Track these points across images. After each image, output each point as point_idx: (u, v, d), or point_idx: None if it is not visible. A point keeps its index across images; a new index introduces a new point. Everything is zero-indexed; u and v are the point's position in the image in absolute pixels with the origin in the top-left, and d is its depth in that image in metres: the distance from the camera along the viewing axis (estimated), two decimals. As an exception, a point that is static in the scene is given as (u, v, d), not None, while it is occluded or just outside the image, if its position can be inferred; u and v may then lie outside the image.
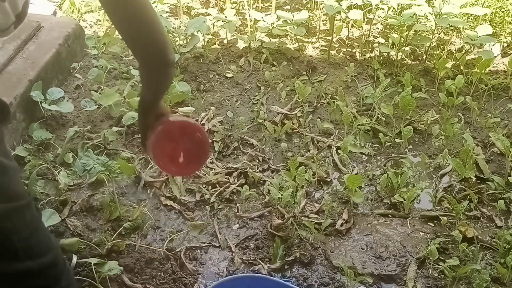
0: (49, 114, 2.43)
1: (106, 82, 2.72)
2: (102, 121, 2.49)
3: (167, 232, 1.96)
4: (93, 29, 3.23)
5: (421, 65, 2.95)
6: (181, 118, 1.31)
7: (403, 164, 2.29)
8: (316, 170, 2.22)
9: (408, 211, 2.08)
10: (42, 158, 2.23)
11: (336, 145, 2.38)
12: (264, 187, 2.17)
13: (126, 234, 1.95)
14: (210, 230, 2.00)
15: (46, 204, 2.01)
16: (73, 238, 1.89)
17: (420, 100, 2.65)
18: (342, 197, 2.13)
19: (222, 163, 2.29)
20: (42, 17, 2.93)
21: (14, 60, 2.52)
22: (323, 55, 3.03)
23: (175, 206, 2.07)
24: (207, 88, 2.76)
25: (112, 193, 2.04)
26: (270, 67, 2.92)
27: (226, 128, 2.47)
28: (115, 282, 1.77)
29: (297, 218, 1.99)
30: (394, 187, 2.14)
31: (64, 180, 2.12)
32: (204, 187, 2.15)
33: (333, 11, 2.88)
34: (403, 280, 1.83)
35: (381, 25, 3.31)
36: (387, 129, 2.47)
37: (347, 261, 1.88)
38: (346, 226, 2.01)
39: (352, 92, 2.74)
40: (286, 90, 2.71)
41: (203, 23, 2.93)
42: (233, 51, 3.05)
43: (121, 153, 2.26)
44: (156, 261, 1.85)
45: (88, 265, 1.77)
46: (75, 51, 2.85)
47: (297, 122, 2.51)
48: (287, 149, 2.35)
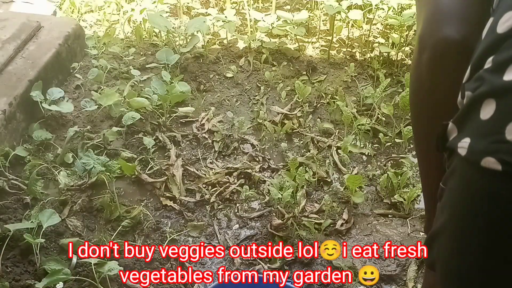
0: (49, 114, 2.43)
1: (106, 82, 2.71)
2: (102, 121, 2.49)
3: (167, 232, 1.96)
4: (93, 29, 3.23)
5: (421, 65, 2.94)
6: None
7: (403, 164, 2.29)
8: (316, 170, 2.22)
9: (408, 211, 2.08)
10: (42, 158, 2.23)
11: (336, 145, 2.38)
12: (264, 187, 2.17)
13: (126, 234, 1.95)
14: (210, 230, 2.00)
15: (46, 204, 2.01)
16: (73, 238, 1.89)
17: (420, 100, 2.65)
18: (342, 197, 2.13)
19: (222, 163, 2.29)
20: (42, 17, 2.93)
21: (14, 60, 2.52)
22: (323, 55, 3.03)
23: (175, 206, 2.07)
24: (207, 88, 2.76)
25: (112, 193, 2.04)
26: (270, 67, 2.92)
27: (226, 128, 2.47)
28: (115, 282, 1.77)
29: (297, 218, 1.99)
30: (394, 187, 2.14)
31: (64, 180, 2.11)
32: (204, 187, 2.15)
33: (333, 11, 2.88)
34: (403, 280, 1.83)
35: (381, 25, 3.31)
36: (387, 129, 2.47)
37: (347, 261, 1.88)
38: (346, 226, 2.01)
39: (352, 92, 2.74)
40: (286, 90, 2.71)
41: (203, 23, 2.92)
42: (233, 51, 3.05)
43: (121, 153, 2.26)
44: (156, 261, 1.85)
45: (88, 265, 1.77)
46: (75, 51, 2.85)
47: (297, 122, 2.51)
48: (287, 149, 2.35)
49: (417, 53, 0.89)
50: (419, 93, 0.92)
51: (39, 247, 1.79)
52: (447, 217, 0.80)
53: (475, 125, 0.74)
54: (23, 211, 1.98)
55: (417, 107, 0.95)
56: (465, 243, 0.76)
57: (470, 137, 0.74)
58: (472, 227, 0.75)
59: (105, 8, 3.35)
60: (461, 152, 0.75)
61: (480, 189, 0.73)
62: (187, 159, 2.30)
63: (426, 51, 0.87)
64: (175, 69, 2.80)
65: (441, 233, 0.82)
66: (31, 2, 3.24)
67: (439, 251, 0.83)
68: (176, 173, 2.18)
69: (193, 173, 2.22)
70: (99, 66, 2.75)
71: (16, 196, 2.04)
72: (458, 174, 0.77)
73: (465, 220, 0.76)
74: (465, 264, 0.77)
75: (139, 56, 2.97)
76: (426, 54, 0.87)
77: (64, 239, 1.88)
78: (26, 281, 1.72)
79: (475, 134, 0.74)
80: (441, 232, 0.82)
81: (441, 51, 0.85)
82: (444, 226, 0.81)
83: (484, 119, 0.72)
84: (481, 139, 0.72)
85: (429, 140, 0.88)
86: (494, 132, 0.70)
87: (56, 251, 1.85)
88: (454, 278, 0.80)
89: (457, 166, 0.77)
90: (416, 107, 0.95)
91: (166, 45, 2.99)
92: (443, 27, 0.85)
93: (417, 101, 0.94)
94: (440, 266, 0.84)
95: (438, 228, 0.83)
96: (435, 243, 0.85)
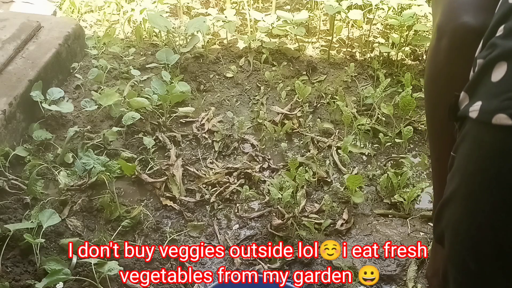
0: (49, 114, 2.43)
1: (106, 82, 2.72)
2: (102, 121, 2.49)
3: (167, 232, 1.96)
4: (93, 29, 3.23)
5: (421, 65, 2.95)
6: None
7: (403, 164, 2.29)
8: (316, 170, 2.22)
9: (408, 211, 2.08)
10: (42, 158, 2.23)
11: (336, 145, 2.38)
12: (264, 187, 2.17)
13: (126, 234, 1.95)
14: (210, 230, 2.00)
15: (46, 204, 2.01)
16: (73, 238, 1.89)
17: (420, 100, 2.65)
18: (342, 197, 2.13)
19: (222, 163, 2.29)
20: (42, 17, 2.93)
21: (14, 60, 2.52)
22: (323, 55, 3.03)
23: (175, 206, 2.07)
24: (207, 88, 2.76)
25: (112, 193, 2.04)
26: (270, 67, 2.92)
27: (226, 128, 2.47)
28: (115, 282, 1.77)
29: (297, 218, 1.99)
30: (394, 187, 2.13)
31: (64, 180, 2.11)
32: (204, 187, 2.15)
33: (333, 11, 2.88)
34: (403, 280, 1.83)
35: (381, 25, 3.31)
36: (387, 129, 2.47)
37: (347, 261, 1.88)
38: (346, 226, 2.01)
39: (352, 92, 2.74)
40: (286, 90, 2.71)
41: (203, 23, 2.92)
42: (233, 51, 3.05)
43: (121, 153, 2.26)
44: (156, 261, 1.85)
45: (88, 265, 1.77)
46: (75, 51, 2.85)
47: (297, 122, 2.51)
48: (287, 149, 2.35)
49: (435, 40, 0.91)
50: (437, 79, 0.94)
51: (39, 247, 1.79)
52: (458, 181, 0.79)
53: (487, 88, 0.75)
54: (23, 211, 1.98)
55: (434, 93, 0.96)
56: (476, 202, 0.76)
57: (481, 100, 0.75)
58: (482, 185, 0.74)
59: (105, 8, 3.35)
60: (473, 115, 0.75)
61: (491, 146, 0.73)
62: (187, 159, 2.30)
63: (444, 38, 0.89)
64: (175, 69, 2.80)
65: (451, 200, 0.81)
66: (31, 2, 3.24)
67: (449, 218, 0.82)
68: (176, 173, 2.18)
69: (193, 173, 2.22)
70: (99, 66, 2.75)
71: (16, 196, 2.04)
72: (469, 137, 0.77)
73: (476, 179, 0.75)
74: (476, 223, 0.76)
75: (139, 56, 2.97)
76: (444, 41, 0.89)
77: (64, 239, 1.88)
78: (26, 281, 1.72)
79: (486, 96, 0.74)
80: (451, 199, 0.81)
81: (459, 37, 0.87)
82: (454, 192, 0.80)
83: (495, 80, 0.73)
84: (492, 99, 0.73)
85: (445, 125, 0.89)
86: (505, 90, 0.71)
87: (56, 251, 1.85)
88: (465, 240, 0.79)
89: (469, 130, 0.77)
90: (432, 94, 0.96)
91: (166, 45, 2.99)
92: (461, 14, 0.87)
93: (435, 87, 0.95)
94: (449, 233, 0.83)
95: (448, 196, 0.82)
96: (444, 212, 0.84)
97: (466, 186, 0.78)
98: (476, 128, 0.76)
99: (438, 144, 1.00)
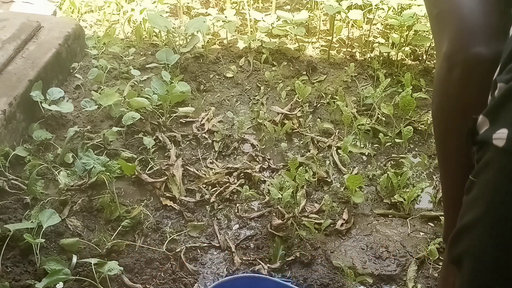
0: (49, 114, 2.43)
1: (106, 82, 2.72)
2: (102, 121, 2.49)
3: (167, 232, 1.96)
4: (93, 29, 3.23)
5: (421, 65, 2.95)
6: None
7: (403, 164, 2.29)
8: (316, 170, 2.22)
9: (408, 211, 2.08)
10: (42, 158, 2.23)
11: (336, 145, 2.38)
12: (264, 187, 2.17)
13: (126, 234, 1.95)
14: (210, 230, 2.00)
15: (46, 204, 2.01)
16: (73, 238, 1.89)
17: (420, 100, 2.65)
18: (342, 197, 2.13)
19: (222, 163, 2.29)
20: (42, 17, 2.93)
21: (14, 60, 2.52)
22: (323, 55, 3.03)
23: (175, 206, 2.07)
24: (207, 88, 2.76)
25: (112, 193, 2.04)
26: (270, 67, 2.92)
27: (226, 128, 2.47)
28: (115, 282, 1.77)
29: (297, 218, 1.99)
30: (394, 187, 2.14)
31: (64, 180, 2.11)
32: (204, 187, 2.15)
33: (333, 11, 2.88)
34: (403, 280, 1.83)
35: (381, 25, 3.31)
36: (387, 129, 2.47)
37: (347, 261, 1.88)
38: (346, 226, 2.01)
39: (352, 92, 2.74)
40: (286, 90, 2.71)
41: (203, 23, 2.92)
42: (233, 51, 3.05)
43: (121, 153, 2.26)
44: (156, 261, 1.85)
45: (88, 265, 1.77)
46: (75, 51, 2.85)
47: (297, 122, 2.51)
48: (287, 149, 2.35)
49: (444, 70, 0.88)
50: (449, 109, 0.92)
51: (39, 247, 1.79)
52: (483, 209, 0.78)
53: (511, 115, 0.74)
54: (23, 211, 1.98)
55: (444, 121, 0.95)
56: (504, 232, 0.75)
57: (506, 127, 0.74)
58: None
59: (105, 8, 3.35)
60: (498, 143, 0.74)
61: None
62: (187, 159, 2.30)
63: (456, 68, 0.87)
64: (175, 69, 2.80)
65: (473, 226, 0.80)
66: (31, 2, 3.24)
67: (471, 245, 0.81)
68: (176, 173, 2.18)
69: (193, 173, 2.22)
70: (99, 66, 2.75)
71: (16, 196, 2.04)
72: (495, 165, 0.76)
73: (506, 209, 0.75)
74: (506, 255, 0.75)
75: (139, 56, 2.97)
76: (456, 71, 0.87)
77: (64, 239, 1.88)
78: (26, 281, 1.72)
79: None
80: (473, 225, 0.80)
81: (472, 68, 0.85)
82: (479, 218, 0.79)
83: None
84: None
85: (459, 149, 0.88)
86: None
87: (56, 251, 1.85)
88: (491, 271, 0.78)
89: (493, 158, 0.76)
90: (443, 122, 0.95)
91: (166, 45, 2.99)
92: (472, 44, 0.85)
93: (446, 116, 0.94)
94: (471, 260, 0.82)
95: (469, 221, 0.81)
96: (464, 237, 0.83)
97: (493, 216, 0.77)
98: (503, 157, 0.75)
99: (452, 169, 0.99)
